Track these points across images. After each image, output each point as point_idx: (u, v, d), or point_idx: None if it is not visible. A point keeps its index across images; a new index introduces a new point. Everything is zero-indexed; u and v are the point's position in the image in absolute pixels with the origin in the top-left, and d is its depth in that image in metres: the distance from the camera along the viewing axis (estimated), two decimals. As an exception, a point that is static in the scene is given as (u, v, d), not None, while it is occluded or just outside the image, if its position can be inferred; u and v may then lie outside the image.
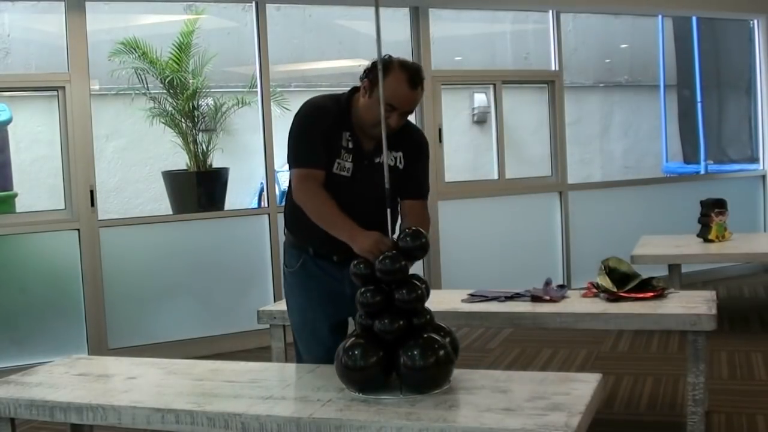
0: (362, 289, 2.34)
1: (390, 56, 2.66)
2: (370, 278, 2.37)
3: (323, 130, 2.71)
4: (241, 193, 7.77)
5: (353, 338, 2.32)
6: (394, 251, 2.36)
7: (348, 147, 2.73)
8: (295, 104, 2.95)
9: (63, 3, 4.98)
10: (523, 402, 2.15)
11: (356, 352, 2.26)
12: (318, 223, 2.69)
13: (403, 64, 2.66)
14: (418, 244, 2.41)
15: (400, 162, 2.80)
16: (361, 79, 2.70)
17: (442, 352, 2.25)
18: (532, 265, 6.25)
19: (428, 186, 2.91)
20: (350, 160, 2.73)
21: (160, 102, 7.16)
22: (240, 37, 7.22)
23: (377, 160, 2.71)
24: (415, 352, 2.23)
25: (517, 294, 3.60)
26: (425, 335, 2.28)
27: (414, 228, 2.46)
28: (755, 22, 7.36)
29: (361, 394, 2.26)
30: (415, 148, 2.84)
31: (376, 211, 2.59)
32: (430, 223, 2.93)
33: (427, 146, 2.92)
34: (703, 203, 5.48)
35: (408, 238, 2.41)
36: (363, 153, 2.75)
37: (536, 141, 6.85)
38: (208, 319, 5.42)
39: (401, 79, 2.62)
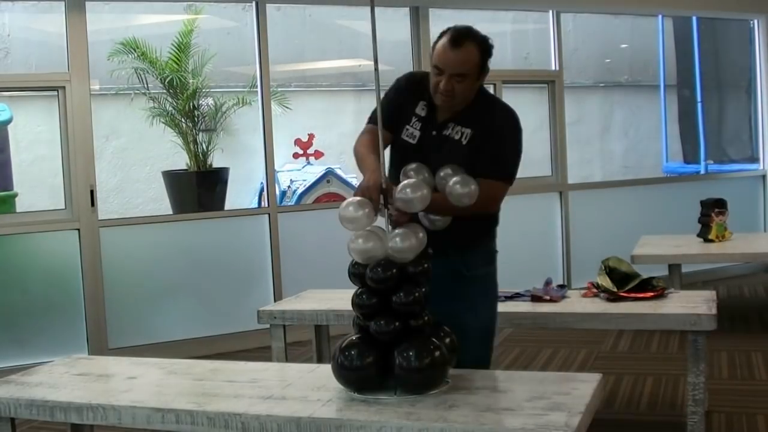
0: (358, 291, 2.33)
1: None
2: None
3: (398, 95, 2.82)
4: (241, 193, 7.75)
5: (350, 338, 2.31)
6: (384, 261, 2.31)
7: (421, 115, 2.78)
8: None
9: (63, 3, 4.98)
10: (523, 402, 2.15)
11: (352, 352, 2.26)
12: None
13: (451, 28, 2.69)
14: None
15: (466, 138, 2.72)
16: None
17: (437, 354, 2.24)
18: (532, 265, 6.23)
19: (502, 167, 2.75)
20: (419, 128, 2.77)
21: (160, 102, 7.16)
22: (240, 37, 7.21)
23: (445, 132, 2.74)
24: (410, 354, 2.22)
25: (517, 294, 3.61)
26: (421, 336, 2.27)
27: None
28: (755, 22, 7.36)
29: (358, 395, 2.26)
30: (490, 127, 2.72)
31: None
32: (491, 205, 2.76)
33: (509, 128, 2.77)
34: (703, 203, 5.48)
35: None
36: (434, 123, 2.76)
37: (536, 141, 6.83)
38: (208, 319, 5.42)
39: (443, 40, 2.66)
